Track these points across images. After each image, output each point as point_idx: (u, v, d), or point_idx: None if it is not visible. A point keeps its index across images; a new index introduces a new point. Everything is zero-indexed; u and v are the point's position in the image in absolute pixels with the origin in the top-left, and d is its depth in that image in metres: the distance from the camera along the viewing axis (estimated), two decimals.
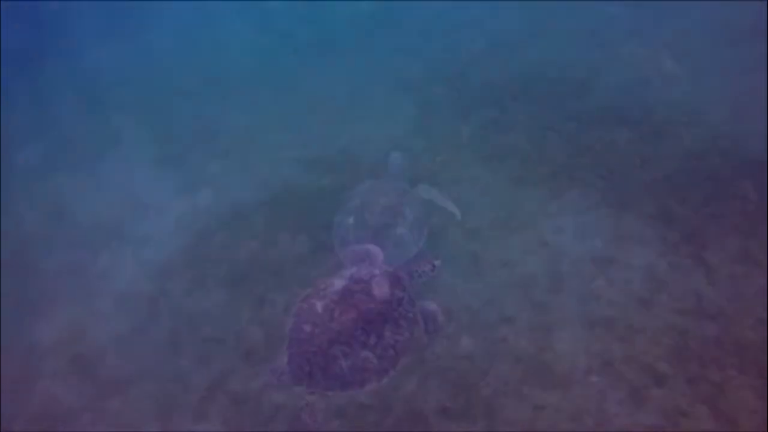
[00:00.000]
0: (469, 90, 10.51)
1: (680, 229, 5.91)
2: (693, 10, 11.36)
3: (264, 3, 17.22)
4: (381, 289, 3.31)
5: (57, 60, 15.93)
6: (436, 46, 12.64)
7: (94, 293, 6.85)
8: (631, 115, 8.37)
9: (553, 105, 9.25)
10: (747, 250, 5.46)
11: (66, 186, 9.47)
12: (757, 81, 8.36)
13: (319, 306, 3.26)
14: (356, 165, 8.71)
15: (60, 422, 5.54)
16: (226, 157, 9.77)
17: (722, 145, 7.13)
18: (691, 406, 4.38)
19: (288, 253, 7.05)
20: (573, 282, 5.68)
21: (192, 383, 5.66)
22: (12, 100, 13.24)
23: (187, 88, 13.32)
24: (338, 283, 3.36)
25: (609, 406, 4.53)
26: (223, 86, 12.94)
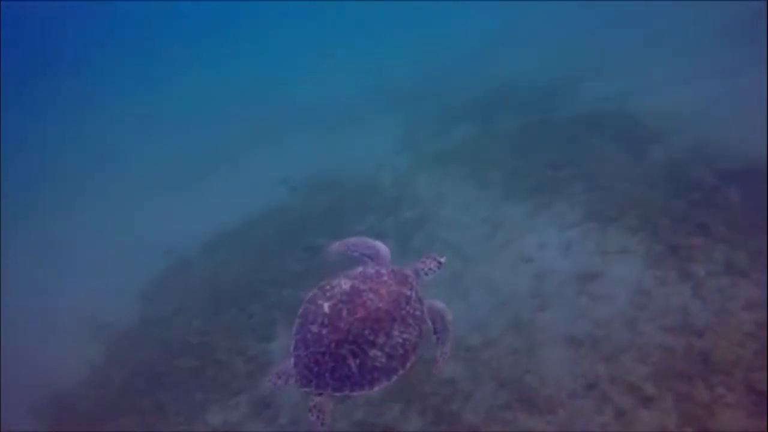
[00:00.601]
0: (455, 103, 10.46)
1: (665, 241, 5.77)
2: (687, 11, 11.29)
3: (255, 25, 17.38)
4: (389, 288, 3.22)
5: (53, 77, 16.04)
6: (422, 58, 12.65)
7: (72, 321, 6.75)
8: (619, 124, 8.27)
9: (539, 116, 9.17)
10: (734, 261, 5.32)
11: (49, 207, 9.36)
12: (750, 84, 8.24)
13: (326, 306, 3.16)
14: (343, 185, 8.64)
15: None
16: (211, 180, 9.72)
17: (709, 153, 7.00)
18: (679, 428, 4.22)
19: (272, 276, 6.94)
20: (557, 300, 5.54)
21: (171, 415, 5.54)
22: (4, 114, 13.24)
23: (175, 111, 13.34)
24: (345, 283, 3.26)
25: (594, 430, 4.37)
26: (211, 108, 12.95)
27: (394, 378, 3.14)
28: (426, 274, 3.63)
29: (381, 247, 3.71)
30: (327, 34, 15.13)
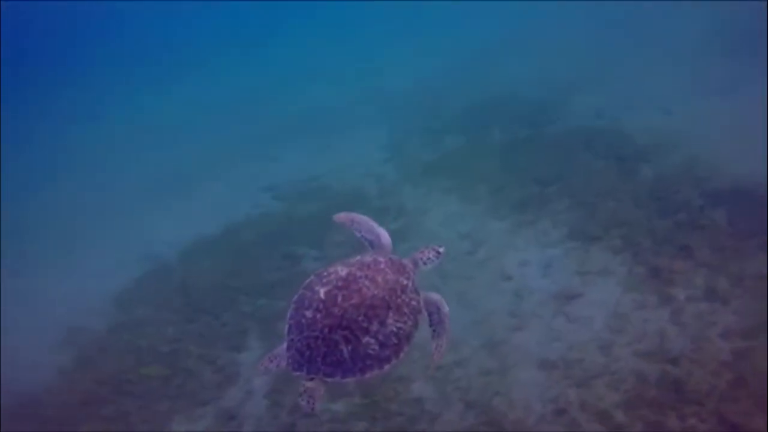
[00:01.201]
0: (446, 112, 10.32)
1: (647, 263, 5.64)
2: (687, 11, 11.15)
3: (251, 25, 17.36)
4: (385, 276, 3.16)
5: (51, 79, 16.08)
6: (416, 64, 12.55)
7: (43, 325, 6.66)
8: (610, 140, 8.12)
9: (530, 129, 9.04)
10: (715, 286, 5.18)
11: (33, 209, 9.29)
12: (746, 98, 8.09)
13: (321, 291, 3.11)
14: (328, 194, 8.56)
15: None
16: (196, 187, 9.61)
17: (698, 172, 6.87)
18: None
19: (248, 284, 6.84)
20: (534, 320, 5.41)
21: (135, 423, 5.42)
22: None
23: (166, 116, 13.27)
24: (342, 270, 3.21)
25: None
26: (200, 113, 12.88)
27: (387, 367, 3.08)
28: (425, 263, 3.56)
29: (384, 235, 3.63)
30: (323, 38, 15.09)
